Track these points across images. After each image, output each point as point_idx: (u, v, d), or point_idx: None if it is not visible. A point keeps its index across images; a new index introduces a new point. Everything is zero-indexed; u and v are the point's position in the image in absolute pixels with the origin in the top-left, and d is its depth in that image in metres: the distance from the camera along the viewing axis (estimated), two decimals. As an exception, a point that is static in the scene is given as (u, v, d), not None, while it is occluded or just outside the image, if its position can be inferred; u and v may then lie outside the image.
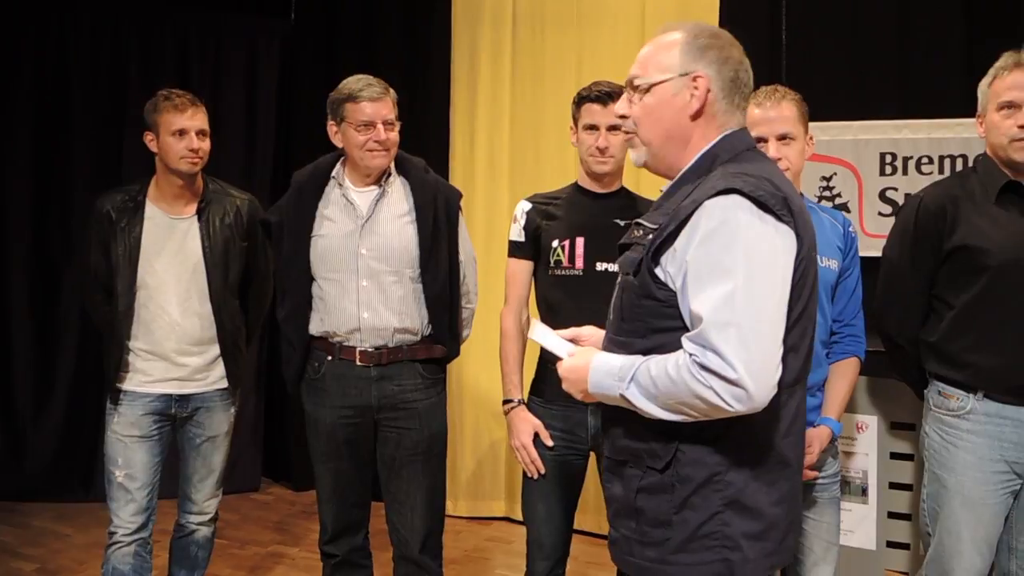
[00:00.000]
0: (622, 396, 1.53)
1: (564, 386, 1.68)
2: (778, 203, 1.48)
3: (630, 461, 1.61)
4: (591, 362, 1.60)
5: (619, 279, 1.66)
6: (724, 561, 1.53)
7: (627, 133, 1.69)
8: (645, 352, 1.55)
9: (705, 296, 1.44)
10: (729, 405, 1.42)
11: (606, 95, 2.50)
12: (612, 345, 1.64)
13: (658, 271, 1.53)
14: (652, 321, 1.55)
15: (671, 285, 1.52)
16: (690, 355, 1.44)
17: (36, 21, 4.56)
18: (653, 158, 1.67)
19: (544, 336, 1.77)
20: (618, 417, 1.62)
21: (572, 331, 1.81)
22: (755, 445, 1.54)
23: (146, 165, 2.92)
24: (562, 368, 1.68)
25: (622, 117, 1.69)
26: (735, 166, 1.55)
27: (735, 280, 1.42)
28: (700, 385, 1.42)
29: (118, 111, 4.64)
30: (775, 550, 1.57)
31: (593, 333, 1.79)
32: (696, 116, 1.60)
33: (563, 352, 1.72)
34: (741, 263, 1.43)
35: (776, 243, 1.47)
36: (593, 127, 2.51)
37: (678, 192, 1.60)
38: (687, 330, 1.50)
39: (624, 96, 1.69)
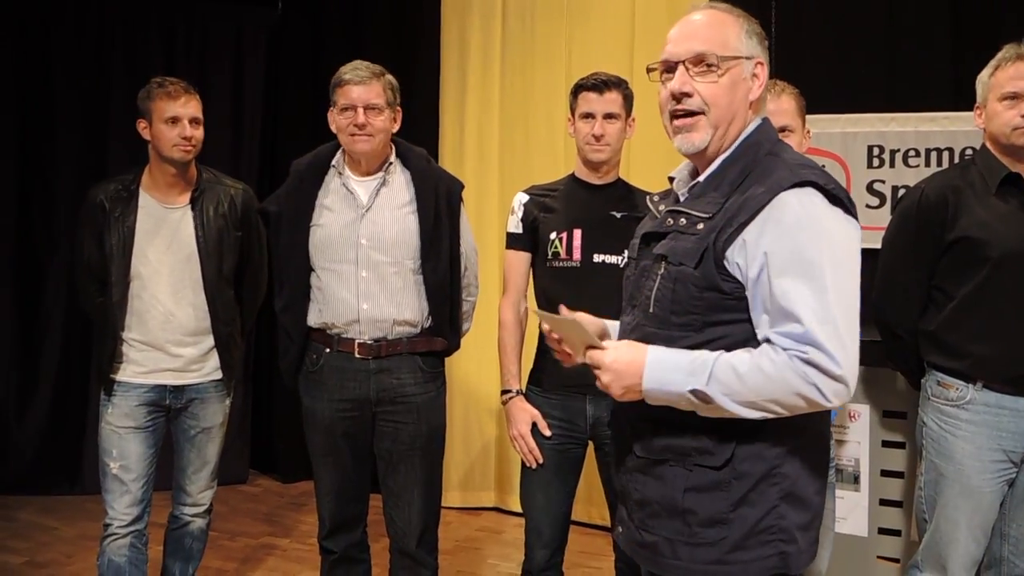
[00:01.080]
0: (694, 392, 1.45)
1: (604, 379, 1.54)
2: (846, 197, 1.49)
3: (671, 460, 1.55)
4: (647, 356, 1.50)
5: (662, 269, 1.56)
6: (780, 555, 1.51)
7: (687, 116, 1.58)
8: (697, 346, 1.50)
9: (796, 291, 1.41)
10: (830, 401, 1.41)
11: (603, 83, 2.51)
12: (655, 339, 1.54)
13: (725, 263, 1.48)
14: (710, 314, 1.50)
15: (739, 277, 1.48)
16: (786, 350, 1.41)
17: (19, 10, 4.49)
18: (715, 143, 1.58)
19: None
20: (650, 415, 1.55)
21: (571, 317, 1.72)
22: (807, 436, 1.54)
23: (132, 156, 2.90)
24: (607, 360, 1.53)
25: (684, 95, 1.57)
26: (790, 156, 1.54)
27: (826, 275, 1.41)
28: (803, 382, 1.40)
29: (103, 101, 4.60)
30: (815, 539, 1.58)
31: (593, 322, 1.72)
32: (752, 104, 1.59)
33: (593, 340, 1.58)
34: (828, 257, 1.42)
35: (852, 236, 1.48)
36: (589, 115, 2.52)
37: (724, 181, 1.55)
38: (748, 323, 1.48)
39: (680, 73, 1.57)
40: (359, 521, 2.69)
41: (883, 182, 3.63)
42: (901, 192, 3.29)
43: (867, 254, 2.56)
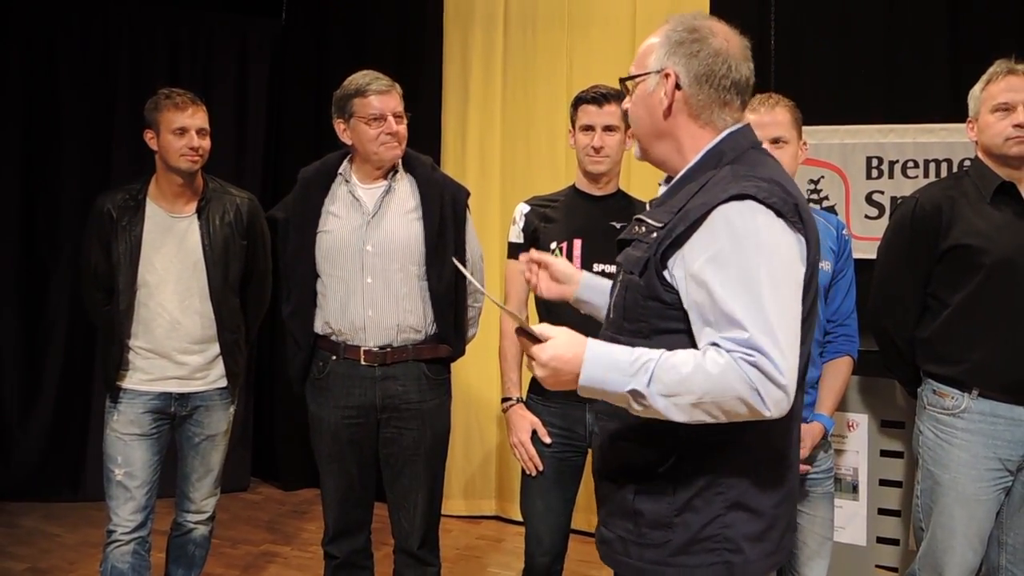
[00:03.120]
0: (632, 392, 1.41)
1: (539, 374, 1.49)
2: (790, 210, 1.45)
3: (627, 461, 1.57)
4: (585, 351, 1.45)
5: (620, 276, 1.59)
6: (725, 563, 1.50)
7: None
8: None
9: (735, 302, 1.39)
10: (769, 409, 1.38)
11: (602, 96, 2.55)
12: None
13: (665, 273, 1.49)
14: (656, 322, 1.51)
15: (678, 288, 1.48)
16: (730, 352, 1.38)
17: (25, 20, 4.52)
18: (645, 154, 1.65)
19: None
20: (614, 415, 1.57)
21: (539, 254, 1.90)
22: (758, 447, 1.51)
23: (136, 165, 2.93)
24: (545, 354, 1.46)
25: (624, 111, 1.68)
26: (744, 167, 1.50)
27: (763, 288, 1.39)
28: (746, 386, 1.37)
29: (108, 110, 4.62)
30: (775, 550, 1.55)
31: (573, 273, 1.88)
32: (668, 114, 1.56)
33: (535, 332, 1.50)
34: (764, 271, 1.40)
35: (793, 247, 1.46)
36: (589, 127, 2.56)
37: (683, 189, 1.55)
38: (689, 333, 1.46)
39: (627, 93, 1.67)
40: (363, 527, 2.71)
41: (882, 193, 3.65)
42: (899, 203, 3.32)
43: (866, 264, 2.60)
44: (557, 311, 2.51)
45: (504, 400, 2.61)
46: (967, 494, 2.31)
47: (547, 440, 2.52)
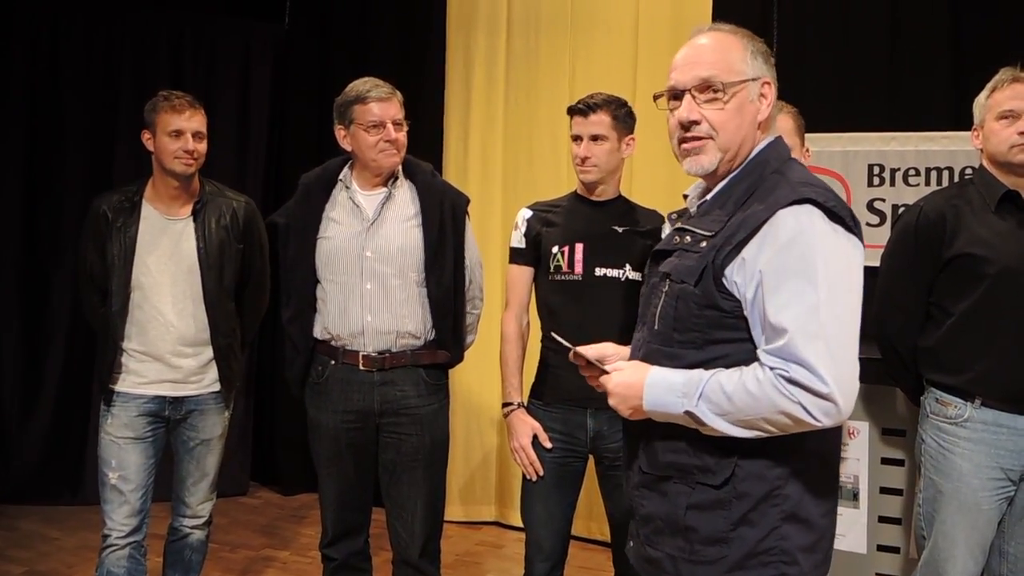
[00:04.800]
0: (688, 413, 1.46)
1: (612, 402, 1.58)
2: (847, 214, 1.47)
3: (675, 477, 1.55)
4: (646, 378, 1.52)
5: (667, 287, 1.57)
6: None
7: (695, 140, 1.57)
8: (699, 364, 1.50)
9: (787, 307, 1.40)
10: (818, 420, 1.38)
11: (588, 106, 2.55)
12: (659, 356, 1.56)
13: (724, 281, 1.48)
14: (711, 332, 1.50)
15: (738, 295, 1.48)
16: (772, 368, 1.40)
17: (29, 23, 4.53)
18: (725, 164, 1.58)
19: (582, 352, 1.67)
20: (657, 431, 1.56)
21: (594, 350, 1.69)
22: (812, 456, 1.51)
23: (138, 167, 2.93)
24: (611, 383, 1.58)
25: (693, 123, 1.57)
26: (794, 174, 1.52)
27: (819, 291, 1.39)
28: (787, 400, 1.38)
29: (111, 113, 4.63)
30: (823, 560, 1.55)
31: (617, 351, 1.70)
32: (762, 124, 1.58)
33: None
34: (822, 274, 1.40)
35: (850, 253, 1.46)
36: (578, 137, 2.56)
37: (729, 199, 1.55)
38: (750, 341, 1.47)
39: (687, 101, 1.57)
40: (361, 530, 2.71)
41: (883, 200, 3.64)
42: (901, 210, 3.31)
43: (867, 272, 2.59)
44: (560, 317, 2.52)
45: (505, 405, 2.61)
46: (969, 503, 2.30)
47: (548, 445, 2.52)
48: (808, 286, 1.40)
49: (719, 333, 1.50)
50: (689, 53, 1.60)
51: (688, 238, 1.56)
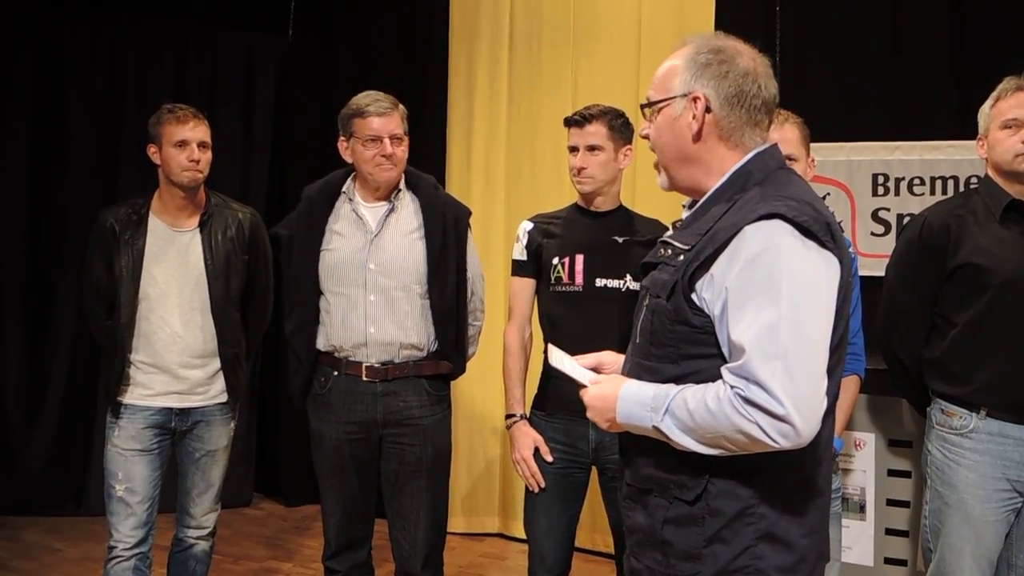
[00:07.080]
0: (655, 428, 1.45)
1: (589, 414, 1.60)
2: (821, 228, 1.41)
3: (655, 490, 1.54)
4: (619, 391, 1.52)
5: (647, 300, 1.57)
6: None
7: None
8: (676, 379, 1.48)
9: (748, 325, 1.37)
10: (775, 441, 1.35)
11: (582, 118, 2.57)
12: (640, 370, 1.56)
13: (693, 296, 1.46)
14: (685, 347, 1.48)
15: (707, 311, 1.45)
16: (731, 387, 1.37)
17: (33, 35, 4.54)
18: (672, 181, 1.60)
19: (562, 362, 1.72)
20: (641, 444, 1.54)
21: (593, 358, 1.72)
22: (789, 476, 1.47)
23: (142, 180, 2.94)
24: (587, 396, 1.60)
25: (645, 137, 1.62)
26: (773, 187, 1.48)
27: (780, 309, 1.36)
28: (744, 420, 1.35)
29: (115, 125, 4.64)
30: None
31: (615, 360, 1.71)
32: (697, 138, 1.53)
33: (583, 379, 1.65)
34: (786, 291, 1.36)
35: (820, 270, 1.41)
36: (574, 149, 2.57)
37: (709, 211, 1.52)
38: (722, 358, 1.44)
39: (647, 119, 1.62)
40: (364, 542, 2.71)
41: (888, 210, 3.64)
42: (906, 220, 3.30)
43: (871, 282, 2.59)
44: (561, 328, 2.51)
45: (508, 416, 2.61)
46: (975, 515, 2.29)
47: (549, 458, 2.52)
48: (770, 304, 1.37)
49: (692, 348, 1.48)
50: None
51: (670, 251, 1.55)
